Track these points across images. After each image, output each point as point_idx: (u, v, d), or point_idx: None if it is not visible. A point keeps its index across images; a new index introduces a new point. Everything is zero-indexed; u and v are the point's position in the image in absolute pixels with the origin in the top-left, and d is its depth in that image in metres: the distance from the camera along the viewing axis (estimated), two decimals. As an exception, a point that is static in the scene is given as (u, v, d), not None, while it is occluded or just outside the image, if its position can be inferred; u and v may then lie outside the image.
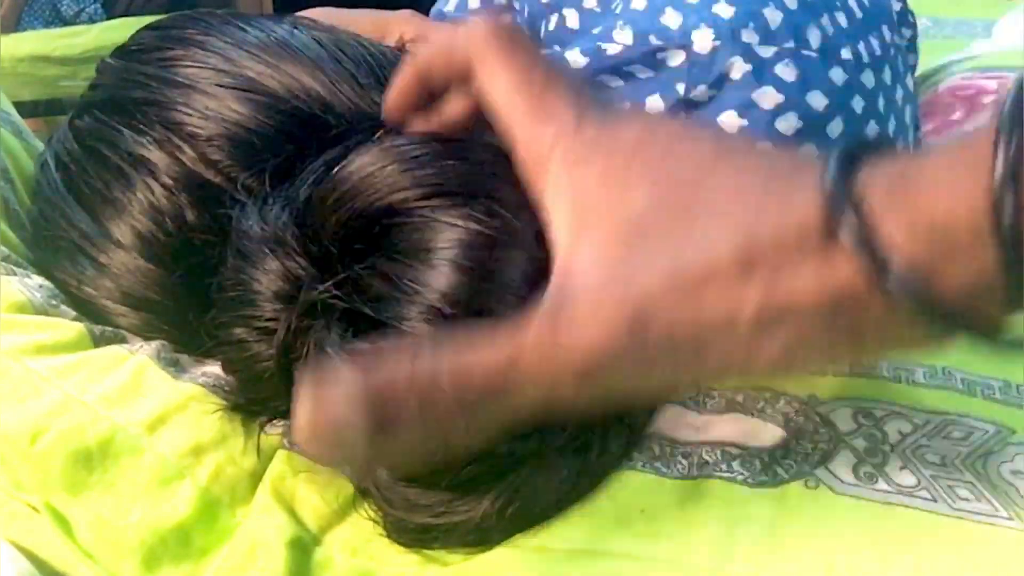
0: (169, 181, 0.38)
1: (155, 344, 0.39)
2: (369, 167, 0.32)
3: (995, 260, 0.22)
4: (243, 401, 0.36)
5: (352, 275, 0.32)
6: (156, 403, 0.36)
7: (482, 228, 0.30)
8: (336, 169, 0.33)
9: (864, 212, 0.24)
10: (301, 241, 0.33)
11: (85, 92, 0.44)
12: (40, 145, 0.53)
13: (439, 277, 0.30)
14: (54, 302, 0.41)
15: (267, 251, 0.33)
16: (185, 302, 0.38)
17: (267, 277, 0.33)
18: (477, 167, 0.32)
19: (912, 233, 0.23)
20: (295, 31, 0.42)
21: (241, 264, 0.34)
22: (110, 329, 0.40)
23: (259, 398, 0.36)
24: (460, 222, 0.31)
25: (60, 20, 1.80)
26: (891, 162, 0.25)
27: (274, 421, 0.37)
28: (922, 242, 0.23)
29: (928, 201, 0.23)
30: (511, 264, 0.31)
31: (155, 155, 0.38)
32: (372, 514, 0.34)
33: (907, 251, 0.23)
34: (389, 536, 0.34)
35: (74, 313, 0.41)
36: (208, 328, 0.36)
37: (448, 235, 0.31)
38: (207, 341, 0.36)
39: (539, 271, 0.30)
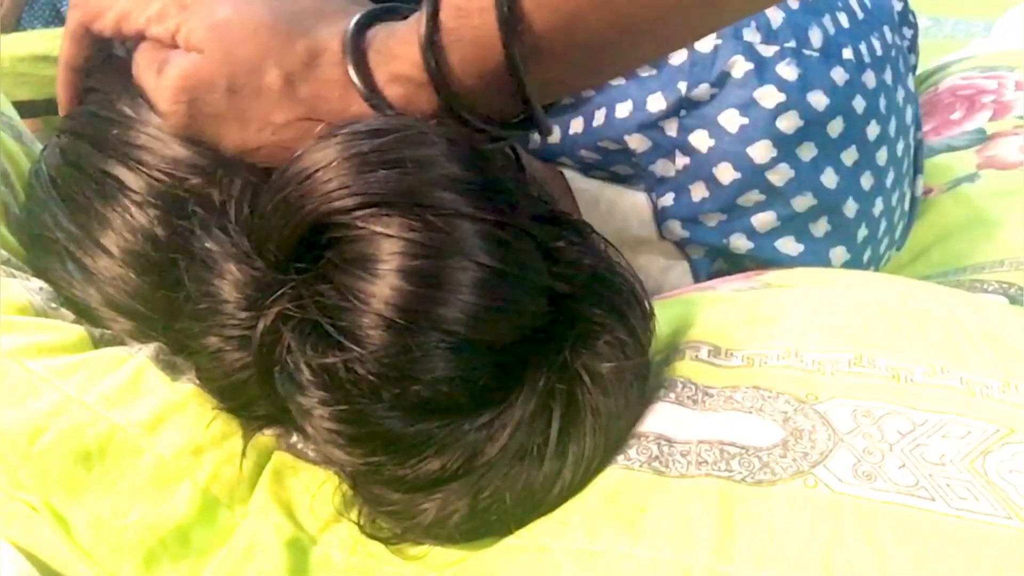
0: (138, 197, 0.38)
1: (153, 346, 0.39)
2: (306, 171, 0.32)
3: (431, 99, 0.35)
4: (226, 408, 0.37)
5: (306, 282, 0.33)
6: (155, 403, 0.36)
7: (420, 238, 0.31)
8: (277, 173, 0.34)
9: (364, 61, 0.35)
10: (256, 247, 0.34)
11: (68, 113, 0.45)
12: (40, 147, 0.53)
13: (384, 288, 0.31)
14: (54, 304, 0.41)
15: (226, 260, 0.34)
16: (167, 312, 0.38)
17: (230, 285, 0.34)
18: (416, 172, 0.32)
19: (389, 78, 0.35)
20: None
21: (204, 275, 0.34)
22: (109, 332, 0.40)
23: (240, 404, 0.36)
24: (397, 233, 0.31)
25: (60, 20, 1.80)
26: (389, 27, 0.36)
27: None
28: (397, 85, 0.35)
29: (398, 55, 0.35)
30: (456, 270, 0.31)
31: (122, 172, 0.39)
32: (354, 516, 0.35)
33: (388, 93, 0.35)
34: (370, 536, 0.35)
35: (74, 316, 0.41)
36: (183, 338, 0.36)
37: (388, 246, 0.31)
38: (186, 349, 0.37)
39: (486, 275, 0.31)
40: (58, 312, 0.41)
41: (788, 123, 0.52)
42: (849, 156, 0.55)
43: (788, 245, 0.56)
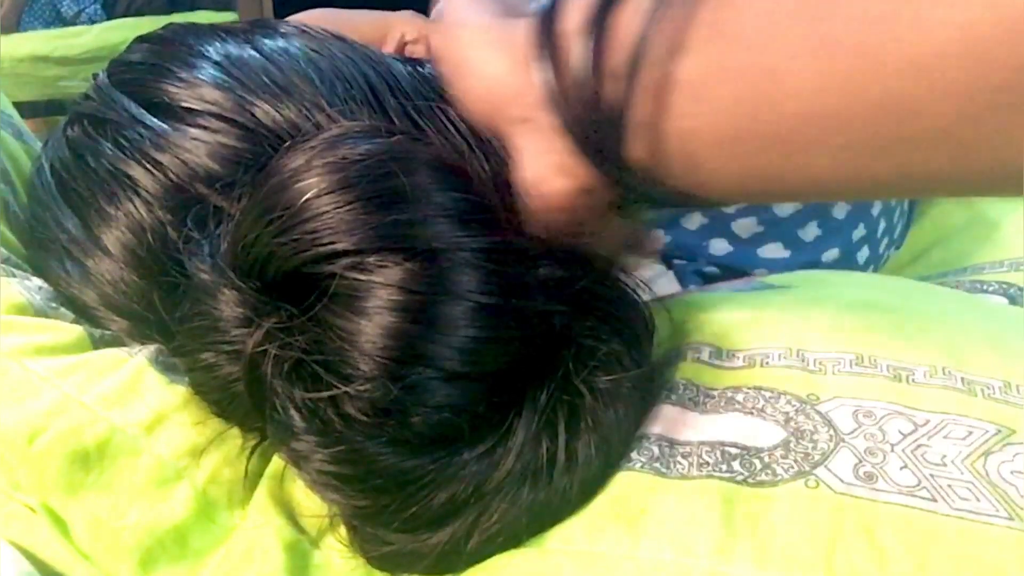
0: (150, 199, 0.38)
1: (153, 347, 0.39)
2: (294, 204, 0.31)
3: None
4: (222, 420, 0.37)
5: (293, 316, 0.32)
6: (154, 404, 0.36)
7: (409, 276, 0.30)
8: (264, 193, 0.33)
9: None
10: (243, 276, 0.33)
11: (77, 101, 0.44)
12: (40, 147, 0.53)
13: (374, 326, 0.30)
14: (53, 304, 0.41)
15: (216, 285, 0.33)
16: (165, 313, 0.37)
17: (226, 305, 0.33)
18: (404, 208, 0.31)
19: None
20: (286, 49, 0.41)
21: (200, 295, 0.34)
22: (109, 332, 0.40)
23: (237, 419, 0.36)
24: (387, 276, 0.30)
25: (60, 20, 1.81)
26: None
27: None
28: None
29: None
30: (446, 306, 0.31)
31: (137, 172, 0.39)
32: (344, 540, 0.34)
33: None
34: (367, 560, 0.34)
35: (73, 316, 0.41)
36: (178, 354, 0.36)
37: (378, 286, 0.30)
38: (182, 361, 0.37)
39: (477, 309, 0.31)
40: (58, 312, 0.41)
41: None
42: None
43: (774, 251, 0.56)
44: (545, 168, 0.33)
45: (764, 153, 0.28)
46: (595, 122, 0.30)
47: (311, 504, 0.36)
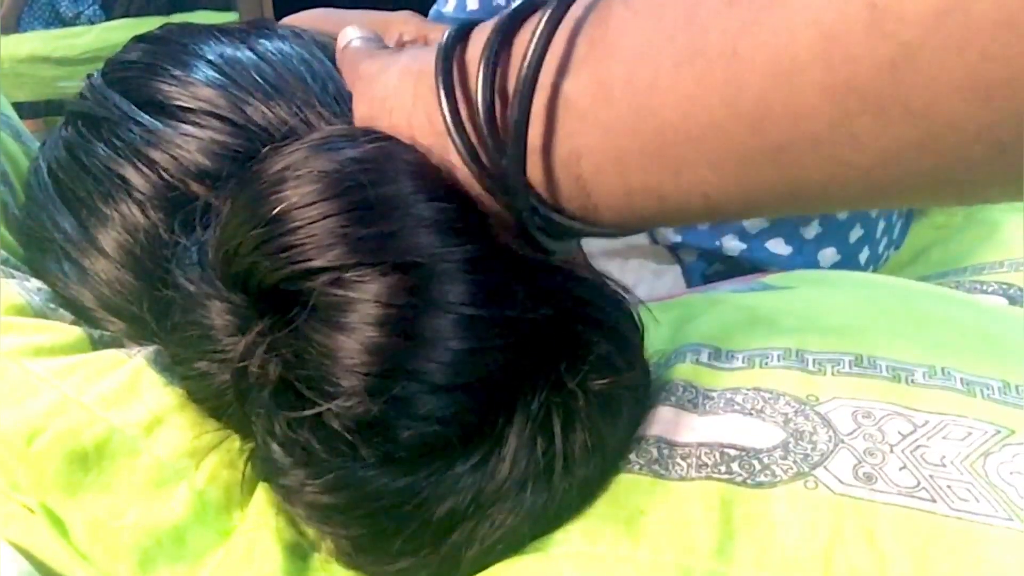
0: (143, 199, 0.38)
1: (152, 348, 0.39)
2: (278, 213, 0.31)
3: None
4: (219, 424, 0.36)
5: (276, 327, 0.31)
6: (153, 405, 0.36)
7: (391, 290, 0.29)
8: (247, 198, 0.32)
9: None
10: (229, 286, 0.33)
11: (73, 101, 0.44)
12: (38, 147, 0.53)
13: (355, 342, 0.29)
14: (52, 305, 0.41)
15: (208, 293, 0.33)
16: (161, 314, 0.37)
17: (216, 314, 0.33)
18: (386, 220, 0.30)
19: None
20: (280, 49, 0.41)
21: (189, 304, 0.34)
22: (108, 333, 0.40)
23: (234, 424, 0.36)
24: (369, 291, 0.30)
25: (60, 21, 1.81)
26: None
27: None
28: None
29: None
30: (430, 319, 0.30)
31: (129, 172, 0.39)
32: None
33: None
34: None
35: (72, 317, 0.41)
36: (173, 363, 0.36)
37: (360, 301, 0.30)
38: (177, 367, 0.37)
39: (462, 320, 0.30)
40: (57, 313, 0.41)
41: None
42: None
43: (778, 246, 0.56)
44: None
45: (650, 170, 0.27)
46: (495, 148, 0.30)
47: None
